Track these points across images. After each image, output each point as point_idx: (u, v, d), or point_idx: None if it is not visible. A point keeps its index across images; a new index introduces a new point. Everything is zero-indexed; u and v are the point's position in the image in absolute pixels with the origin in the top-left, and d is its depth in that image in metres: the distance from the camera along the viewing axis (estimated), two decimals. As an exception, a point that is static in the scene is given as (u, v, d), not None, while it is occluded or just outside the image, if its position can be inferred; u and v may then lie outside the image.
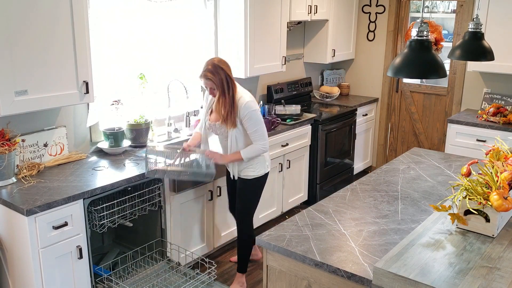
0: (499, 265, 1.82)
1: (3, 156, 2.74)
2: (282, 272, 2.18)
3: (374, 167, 5.81)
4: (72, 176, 2.97)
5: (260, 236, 2.21)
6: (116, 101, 3.49)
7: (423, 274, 1.74)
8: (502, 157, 2.27)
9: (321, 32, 5.15)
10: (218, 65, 3.00)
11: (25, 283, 2.68)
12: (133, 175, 3.02)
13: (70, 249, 2.73)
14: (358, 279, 1.90)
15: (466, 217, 2.08)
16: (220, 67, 3.00)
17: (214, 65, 3.01)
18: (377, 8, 5.47)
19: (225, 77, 3.00)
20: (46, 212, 2.57)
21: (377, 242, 2.14)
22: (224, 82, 3.00)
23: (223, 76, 3.00)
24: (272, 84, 4.88)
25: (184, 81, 3.81)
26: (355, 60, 5.76)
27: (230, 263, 3.80)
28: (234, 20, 4.08)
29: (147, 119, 3.65)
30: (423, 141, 5.53)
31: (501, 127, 4.31)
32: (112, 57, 3.48)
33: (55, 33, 2.77)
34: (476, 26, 2.95)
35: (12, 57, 2.60)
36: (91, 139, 3.47)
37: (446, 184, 2.82)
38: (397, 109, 5.63)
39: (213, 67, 3.00)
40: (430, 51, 2.14)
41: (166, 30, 3.84)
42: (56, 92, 2.83)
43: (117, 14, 3.47)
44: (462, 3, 4.96)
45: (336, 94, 5.43)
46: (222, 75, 2.99)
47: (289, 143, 4.32)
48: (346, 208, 2.51)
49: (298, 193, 4.65)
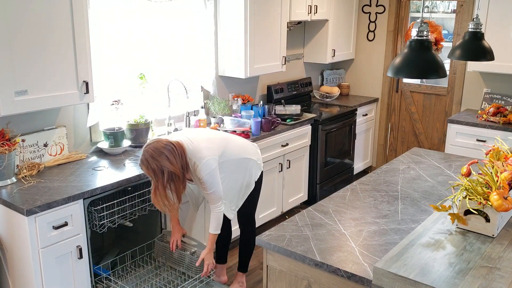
0: (499, 265, 1.82)
1: (3, 156, 2.74)
2: (282, 272, 2.18)
3: (374, 167, 5.81)
4: (72, 176, 2.97)
5: (260, 236, 2.21)
6: (116, 101, 3.49)
7: (423, 274, 1.74)
8: (502, 157, 2.27)
9: (321, 32, 5.15)
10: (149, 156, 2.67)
11: (25, 283, 2.68)
12: (133, 175, 3.02)
13: (70, 249, 2.73)
14: (358, 279, 1.90)
15: (466, 217, 2.08)
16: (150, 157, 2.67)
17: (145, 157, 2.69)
18: (377, 8, 5.47)
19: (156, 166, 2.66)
20: (46, 212, 2.57)
21: (377, 242, 2.14)
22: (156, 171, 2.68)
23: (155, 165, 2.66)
24: (272, 84, 4.88)
25: (184, 81, 3.81)
26: (355, 60, 5.76)
27: (230, 263, 3.79)
28: (234, 20, 4.08)
29: (147, 119, 3.65)
30: (423, 141, 5.53)
31: (501, 127, 4.31)
32: (112, 57, 3.48)
33: (55, 33, 2.77)
34: (476, 26, 2.95)
35: (12, 57, 2.60)
36: (91, 139, 3.47)
37: (446, 184, 2.82)
38: (397, 109, 5.63)
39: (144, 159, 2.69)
40: (430, 51, 2.14)
41: (166, 30, 3.84)
42: (56, 92, 2.83)
43: (117, 14, 3.47)
44: (462, 3, 4.96)
45: (336, 94, 5.43)
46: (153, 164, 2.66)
47: (289, 143, 4.32)
48: (346, 208, 2.51)
49: (298, 193, 4.65)
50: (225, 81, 4.42)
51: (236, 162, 3.05)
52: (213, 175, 2.83)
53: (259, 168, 3.22)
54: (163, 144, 2.70)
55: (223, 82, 4.41)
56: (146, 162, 2.68)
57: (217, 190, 2.89)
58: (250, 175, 3.15)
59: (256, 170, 3.18)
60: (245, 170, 3.12)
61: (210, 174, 2.82)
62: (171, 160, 2.68)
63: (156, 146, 2.69)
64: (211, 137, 3.00)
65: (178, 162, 2.70)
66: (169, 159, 2.67)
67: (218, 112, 4.13)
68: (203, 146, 2.85)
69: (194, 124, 4.01)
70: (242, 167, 3.10)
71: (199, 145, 2.84)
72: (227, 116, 4.14)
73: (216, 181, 2.87)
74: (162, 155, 2.66)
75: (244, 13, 4.00)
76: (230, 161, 3.00)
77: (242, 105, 4.33)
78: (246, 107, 4.31)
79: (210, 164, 2.82)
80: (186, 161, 2.77)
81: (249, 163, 3.13)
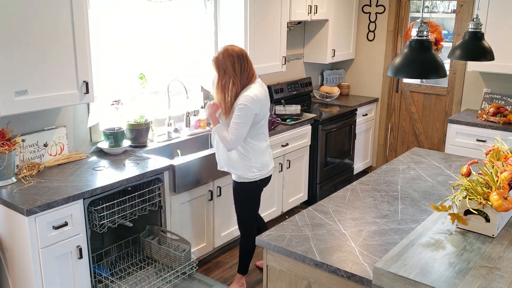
0: (499, 265, 1.82)
1: (3, 156, 2.74)
2: (282, 272, 2.18)
3: (374, 167, 5.81)
4: (72, 176, 2.97)
5: (260, 236, 2.21)
6: (116, 101, 3.49)
7: (423, 274, 1.74)
8: (502, 157, 2.27)
9: (321, 32, 5.15)
10: (225, 54, 2.97)
11: (25, 283, 2.68)
12: (133, 175, 3.02)
13: (70, 249, 2.73)
14: (358, 279, 1.90)
15: (466, 217, 2.08)
16: (222, 55, 2.97)
17: (222, 52, 2.99)
18: (377, 8, 5.47)
19: (227, 66, 2.95)
20: (46, 212, 2.57)
21: (377, 242, 2.14)
22: (223, 69, 2.97)
23: (225, 64, 2.96)
24: (272, 84, 4.88)
25: (184, 81, 3.81)
26: (355, 60, 5.76)
27: (230, 262, 3.79)
28: (234, 20, 4.08)
29: (147, 119, 3.65)
30: (423, 141, 5.53)
31: (501, 127, 4.31)
32: (112, 57, 3.48)
33: (55, 33, 2.77)
34: (476, 26, 2.95)
35: (12, 57, 2.60)
36: (91, 139, 3.47)
37: (446, 184, 2.82)
38: (397, 109, 5.63)
39: (218, 53, 3.00)
40: (430, 51, 2.14)
41: (166, 30, 3.84)
42: (56, 92, 2.83)
43: (117, 14, 3.47)
44: (462, 3, 4.96)
45: (336, 94, 5.43)
46: (224, 63, 2.96)
47: (289, 143, 4.32)
48: (346, 208, 2.51)
49: (298, 193, 4.65)
50: (225, 81, 4.42)
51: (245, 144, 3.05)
52: (247, 112, 2.92)
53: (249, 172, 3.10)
54: (239, 49, 2.99)
55: (223, 82, 4.40)
56: (216, 55, 2.98)
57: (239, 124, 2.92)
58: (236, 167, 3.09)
59: (246, 171, 3.10)
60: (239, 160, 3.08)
61: (247, 107, 2.91)
62: (235, 68, 2.95)
63: (232, 48, 2.98)
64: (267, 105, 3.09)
65: (238, 73, 2.95)
66: (234, 66, 2.95)
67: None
68: (260, 92, 3.00)
69: (194, 124, 4.01)
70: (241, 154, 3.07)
71: (259, 89, 3.01)
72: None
73: (247, 118, 2.93)
74: (230, 58, 2.95)
75: (244, 13, 4.00)
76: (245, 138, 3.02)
77: (242, 105, 4.32)
78: (246, 107, 4.30)
79: (253, 102, 2.92)
80: (247, 84, 2.98)
81: (244, 161, 3.08)
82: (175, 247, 3.24)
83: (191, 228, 3.53)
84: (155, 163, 3.23)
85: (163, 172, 3.21)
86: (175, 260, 3.20)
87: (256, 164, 3.10)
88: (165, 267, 3.25)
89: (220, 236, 3.82)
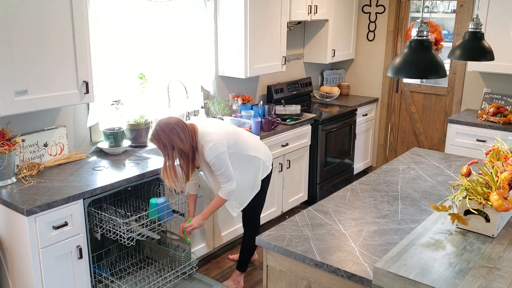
0: (499, 265, 1.82)
1: (3, 156, 2.74)
2: (282, 272, 2.18)
3: (374, 167, 5.81)
4: (72, 176, 2.97)
5: (260, 236, 2.21)
6: (116, 101, 3.49)
7: (423, 274, 1.74)
8: (502, 157, 2.27)
9: (321, 32, 5.15)
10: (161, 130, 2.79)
11: (25, 283, 2.68)
12: (133, 175, 3.02)
13: (70, 249, 2.73)
14: (358, 279, 1.90)
15: (466, 217, 2.08)
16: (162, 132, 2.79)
17: (157, 131, 2.81)
18: (377, 8, 5.47)
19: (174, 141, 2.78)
20: (46, 212, 2.57)
21: (377, 242, 2.14)
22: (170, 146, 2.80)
23: (166, 140, 2.78)
24: (272, 84, 4.88)
25: (184, 81, 3.81)
26: (355, 60, 5.76)
27: (230, 263, 3.80)
28: (234, 20, 4.08)
29: (147, 119, 3.65)
30: (423, 141, 5.53)
31: (501, 127, 4.31)
32: (112, 57, 3.48)
33: (55, 33, 2.77)
34: (476, 26, 2.95)
35: (12, 57, 2.60)
36: (91, 139, 3.47)
37: (446, 184, 2.82)
38: (397, 109, 5.63)
39: (155, 133, 2.81)
40: (430, 51, 2.14)
41: (166, 30, 3.84)
42: (56, 92, 2.83)
43: (117, 14, 3.47)
44: (462, 3, 4.96)
45: (336, 94, 5.43)
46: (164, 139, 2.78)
47: (289, 143, 4.32)
48: (346, 208, 2.51)
49: (298, 193, 4.65)
50: (225, 81, 4.42)
51: (244, 158, 3.09)
52: (221, 158, 2.89)
53: (266, 170, 3.23)
54: (175, 121, 2.83)
55: (223, 82, 4.41)
56: (157, 136, 2.80)
57: (227, 171, 2.93)
58: (256, 174, 3.17)
59: (264, 170, 3.20)
60: (253, 168, 3.15)
61: (217, 158, 2.87)
62: (181, 137, 2.79)
63: (168, 122, 2.82)
64: (223, 127, 3.06)
65: (188, 141, 2.82)
66: (179, 135, 2.79)
67: (218, 112, 4.13)
68: (212, 131, 2.93)
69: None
70: (250, 165, 3.13)
71: (208, 129, 2.93)
72: (227, 116, 4.14)
73: (225, 164, 2.91)
74: (174, 131, 2.78)
75: (244, 13, 4.00)
76: (238, 155, 3.04)
77: (242, 105, 4.33)
78: (246, 107, 4.31)
79: (217, 148, 2.87)
80: (196, 141, 2.88)
81: (257, 162, 3.16)
82: (175, 247, 3.24)
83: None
84: (155, 163, 3.22)
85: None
86: (175, 260, 3.20)
87: (264, 156, 3.21)
88: (165, 267, 3.25)
89: (220, 236, 3.82)
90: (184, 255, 3.17)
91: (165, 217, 3.07)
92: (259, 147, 3.22)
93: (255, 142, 3.22)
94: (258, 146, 3.22)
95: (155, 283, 3.12)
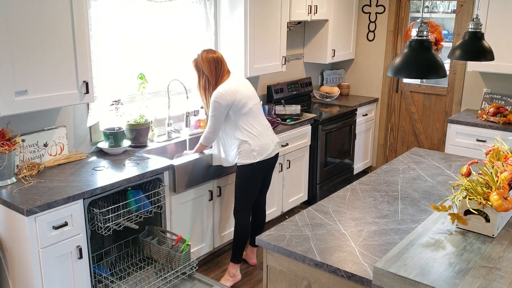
0: (499, 265, 1.82)
1: (3, 156, 2.74)
2: (282, 272, 2.18)
3: (374, 167, 5.81)
4: (72, 176, 2.97)
5: (260, 236, 2.21)
6: (116, 101, 3.49)
7: (423, 274, 1.74)
8: (502, 157, 2.27)
9: (321, 32, 5.15)
10: (201, 59, 3.32)
11: (25, 283, 2.68)
12: (133, 175, 3.02)
13: (70, 249, 2.73)
14: (358, 279, 1.90)
15: (466, 217, 2.08)
16: (200, 57, 3.33)
17: (198, 55, 3.36)
18: (377, 8, 5.47)
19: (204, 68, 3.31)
20: (46, 212, 2.57)
21: (377, 242, 2.14)
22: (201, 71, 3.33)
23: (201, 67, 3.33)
24: (272, 84, 4.88)
25: (184, 81, 3.81)
26: (355, 60, 5.76)
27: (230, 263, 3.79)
28: (234, 20, 4.08)
29: (147, 119, 3.65)
30: (423, 141, 5.53)
31: (501, 127, 4.31)
32: (112, 57, 3.48)
33: (55, 33, 2.77)
34: (476, 26, 2.95)
35: (12, 57, 2.60)
36: (91, 139, 3.47)
37: (446, 184, 2.82)
38: (397, 109, 5.63)
39: (197, 56, 3.36)
40: (430, 51, 2.14)
41: (166, 30, 3.84)
42: (56, 92, 2.83)
43: (117, 14, 3.47)
44: (462, 3, 4.96)
45: (336, 94, 5.43)
46: (200, 66, 3.33)
47: (289, 143, 4.32)
48: (346, 208, 2.51)
49: (298, 193, 4.65)
50: (225, 81, 4.42)
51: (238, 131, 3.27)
52: (216, 107, 3.22)
53: (248, 157, 3.30)
54: (218, 55, 3.33)
55: (223, 82, 4.40)
56: (197, 58, 3.34)
57: (215, 120, 3.26)
58: (231, 154, 3.35)
59: (245, 155, 3.29)
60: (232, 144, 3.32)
61: (214, 104, 3.22)
62: (211, 69, 3.29)
63: (209, 52, 3.33)
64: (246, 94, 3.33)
65: (215, 76, 3.30)
66: (210, 67, 3.29)
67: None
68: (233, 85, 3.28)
69: (194, 124, 4.01)
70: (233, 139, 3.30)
71: (232, 83, 3.30)
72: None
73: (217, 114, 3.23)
74: (210, 61, 3.29)
75: (244, 13, 4.00)
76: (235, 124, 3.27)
77: (242, 105, 4.32)
78: (246, 107, 4.30)
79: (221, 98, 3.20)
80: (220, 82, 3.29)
81: (244, 145, 3.28)
82: (175, 247, 3.24)
83: (191, 228, 3.53)
84: (155, 163, 3.23)
85: (163, 172, 3.21)
86: (175, 260, 3.20)
87: (255, 146, 3.29)
88: (165, 267, 3.25)
89: (220, 236, 3.82)
90: (184, 255, 3.17)
91: (142, 208, 3.12)
92: (261, 137, 3.33)
93: (260, 132, 3.34)
94: (261, 136, 3.33)
95: (155, 283, 3.12)
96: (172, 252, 3.19)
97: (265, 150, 3.34)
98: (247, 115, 3.28)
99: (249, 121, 3.29)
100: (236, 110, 3.24)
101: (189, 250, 3.20)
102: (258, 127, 3.33)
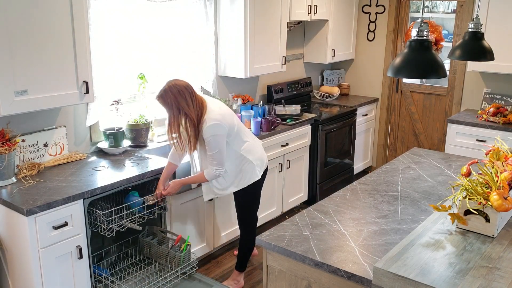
0: (499, 265, 1.82)
1: (3, 156, 2.74)
2: (282, 272, 2.18)
3: (374, 167, 5.81)
4: (72, 176, 2.97)
5: (260, 236, 2.21)
6: (116, 101, 3.49)
7: (423, 274, 1.74)
8: (502, 157, 2.27)
9: (321, 32, 5.15)
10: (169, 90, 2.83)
11: (25, 283, 2.68)
12: (133, 175, 3.02)
13: (70, 249, 2.73)
14: (358, 279, 1.90)
15: (466, 217, 2.08)
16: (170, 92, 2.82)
17: (165, 90, 2.84)
18: (377, 8, 5.47)
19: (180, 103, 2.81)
20: (46, 212, 2.57)
21: (377, 242, 2.14)
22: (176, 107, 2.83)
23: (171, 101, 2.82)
24: (272, 84, 4.88)
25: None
26: (355, 60, 5.76)
27: (230, 263, 3.79)
28: (234, 20, 4.08)
29: (147, 119, 3.65)
30: (423, 141, 5.53)
31: (501, 127, 4.31)
32: (112, 57, 3.48)
33: (55, 33, 2.77)
34: (476, 26, 2.95)
35: (12, 57, 2.60)
36: (91, 139, 3.47)
37: (446, 184, 2.82)
38: (397, 109, 5.63)
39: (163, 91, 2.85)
40: (430, 51, 2.14)
41: (166, 30, 3.84)
42: (56, 92, 2.83)
43: (117, 14, 3.47)
44: (462, 3, 4.96)
45: (336, 94, 5.43)
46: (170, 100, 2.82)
47: (289, 143, 4.32)
48: (346, 208, 2.51)
49: (298, 193, 4.65)
50: (225, 81, 4.42)
51: (236, 156, 3.09)
52: (217, 140, 2.89)
53: (255, 176, 3.18)
54: (185, 84, 2.83)
55: (223, 82, 4.41)
56: (164, 95, 2.80)
57: (220, 154, 2.92)
58: (242, 178, 3.15)
59: (251, 174, 3.16)
60: (241, 169, 3.13)
61: (215, 138, 2.87)
62: (188, 102, 2.80)
63: (177, 83, 2.82)
64: (230, 115, 3.02)
65: (194, 109, 2.82)
66: (186, 100, 2.80)
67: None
68: (219, 112, 2.92)
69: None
70: (240, 164, 3.11)
71: (216, 109, 2.92)
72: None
73: (220, 146, 2.91)
74: (181, 93, 2.80)
75: (244, 13, 4.00)
76: (233, 149, 3.04)
77: (242, 105, 4.32)
78: (246, 107, 4.31)
79: (218, 128, 2.87)
80: (202, 113, 2.86)
81: (248, 166, 3.14)
82: (175, 247, 3.24)
83: (191, 228, 3.53)
84: (155, 163, 3.23)
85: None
86: (175, 260, 3.20)
87: (256, 161, 3.17)
88: (165, 267, 3.25)
89: (220, 236, 3.82)
90: (184, 255, 3.17)
91: (144, 210, 3.11)
92: (256, 150, 3.20)
93: (253, 144, 3.20)
94: (255, 148, 3.20)
95: (155, 283, 3.12)
96: (172, 252, 3.19)
97: (262, 160, 3.25)
98: (238, 133, 3.07)
99: (241, 138, 3.10)
100: (231, 134, 3.00)
101: (189, 250, 3.20)
102: (248, 139, 3.17)
